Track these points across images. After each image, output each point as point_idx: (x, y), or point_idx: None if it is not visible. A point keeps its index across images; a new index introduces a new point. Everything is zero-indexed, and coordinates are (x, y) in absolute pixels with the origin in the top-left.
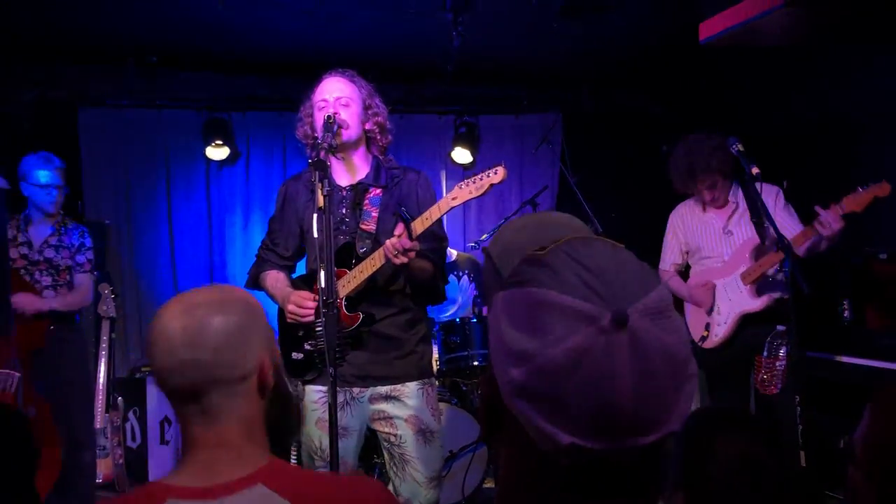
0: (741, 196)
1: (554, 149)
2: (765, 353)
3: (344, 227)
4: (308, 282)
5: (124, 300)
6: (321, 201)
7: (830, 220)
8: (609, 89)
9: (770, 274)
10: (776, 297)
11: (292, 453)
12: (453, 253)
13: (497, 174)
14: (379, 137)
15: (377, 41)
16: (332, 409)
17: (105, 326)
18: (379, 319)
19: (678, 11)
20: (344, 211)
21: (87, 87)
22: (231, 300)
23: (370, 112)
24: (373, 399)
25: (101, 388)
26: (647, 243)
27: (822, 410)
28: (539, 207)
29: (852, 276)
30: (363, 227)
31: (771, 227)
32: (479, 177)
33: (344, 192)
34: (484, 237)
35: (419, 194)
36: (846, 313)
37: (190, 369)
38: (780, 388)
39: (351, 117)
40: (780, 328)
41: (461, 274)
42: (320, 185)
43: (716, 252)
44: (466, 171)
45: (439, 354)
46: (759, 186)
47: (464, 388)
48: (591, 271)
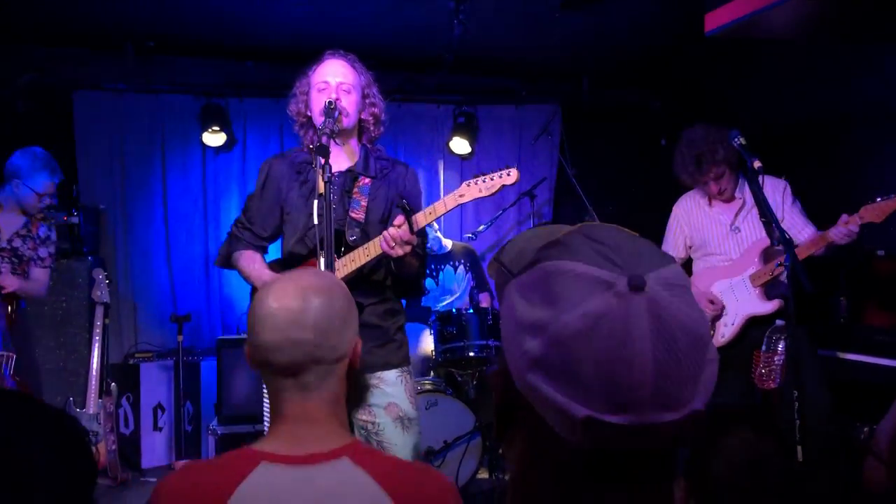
0: (748, 192)
1: (553, 140)
2: (763, 348)
3: (332, 215)
4: (286, 266)
5: (118, 285)
6: (322, 187)
7: (851, 232)
8: (609, 82)
9: (779, 275)
10: (786, 297)
11: None
12: (448, 243)
13: (510, 176)
14: (372, 128)
15: (377, 29)
16: None
17: (98, 312)
18: (363, 308)
19: (679, 5)
20: (333, 198)
21: (83, 72)
22: (334, 286)
23: (367, 101)
24: None
25: (94, 373)
26: (644, 236)
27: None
28: (537, 199)
29: (850, 273)
30: (353, 215)
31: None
32: (489, 176)
33: (334, 178)
34: (481, 228)
35: (407, 188)
36: (844, 311)
37: (294, 347)
38: (777, 383)
39: (350, 105)
40: (779, 323)
41: (457, 264)
42: (321, 171)
43: (722, 249)
44: (464, 161)
45: (435, 344)
46: (762, 180)
47: (459, 378)
48: (608, 245)
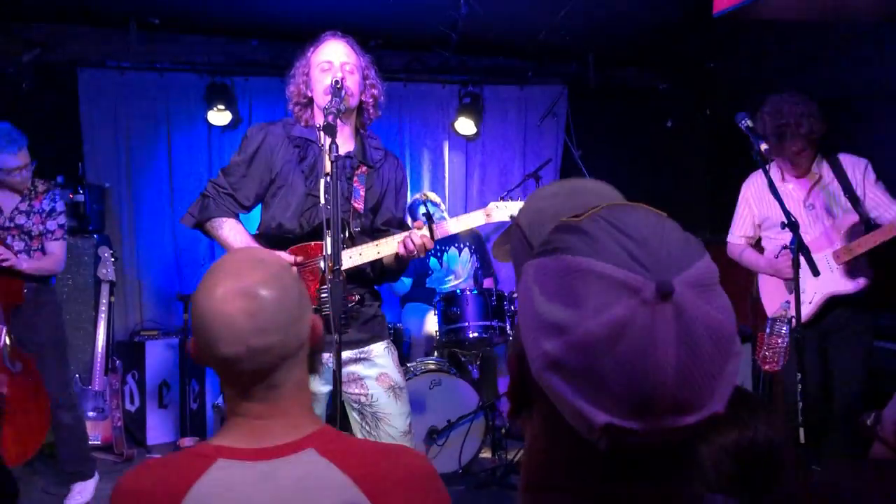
0: (826, 168)
1: (559, 121)
2: (767, 330)
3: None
4: (274, 243)
5: (123, 263)
6: (328, 167)
7: None
8: (616, 63)
9: (863, 254)
10: (868, 279)
11: None
12: None
13: None
14: (371, 110)
15: (383, 8)
16: (337, 377)
17: (104, 290)
18: (363, 299)
19: None
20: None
21: (87, 49)
22: (279, 271)
23: (367, 83)
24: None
25: (100, 351)
26: None
27: None
28: (542, 181)
29: None
30: (355, 205)
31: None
32: (517, 202)
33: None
34: None
35: (396, 183)
36: None
37: (261, 354)
38: (781, 366)
39: (354, 85)
40: (783, 304)
41: (462, 246)
42: (328, 150)
43: None
44: (469, 142)
45: (439, 325)
46: (842, 158)
47: (462, 359)
48: (633, 239)
